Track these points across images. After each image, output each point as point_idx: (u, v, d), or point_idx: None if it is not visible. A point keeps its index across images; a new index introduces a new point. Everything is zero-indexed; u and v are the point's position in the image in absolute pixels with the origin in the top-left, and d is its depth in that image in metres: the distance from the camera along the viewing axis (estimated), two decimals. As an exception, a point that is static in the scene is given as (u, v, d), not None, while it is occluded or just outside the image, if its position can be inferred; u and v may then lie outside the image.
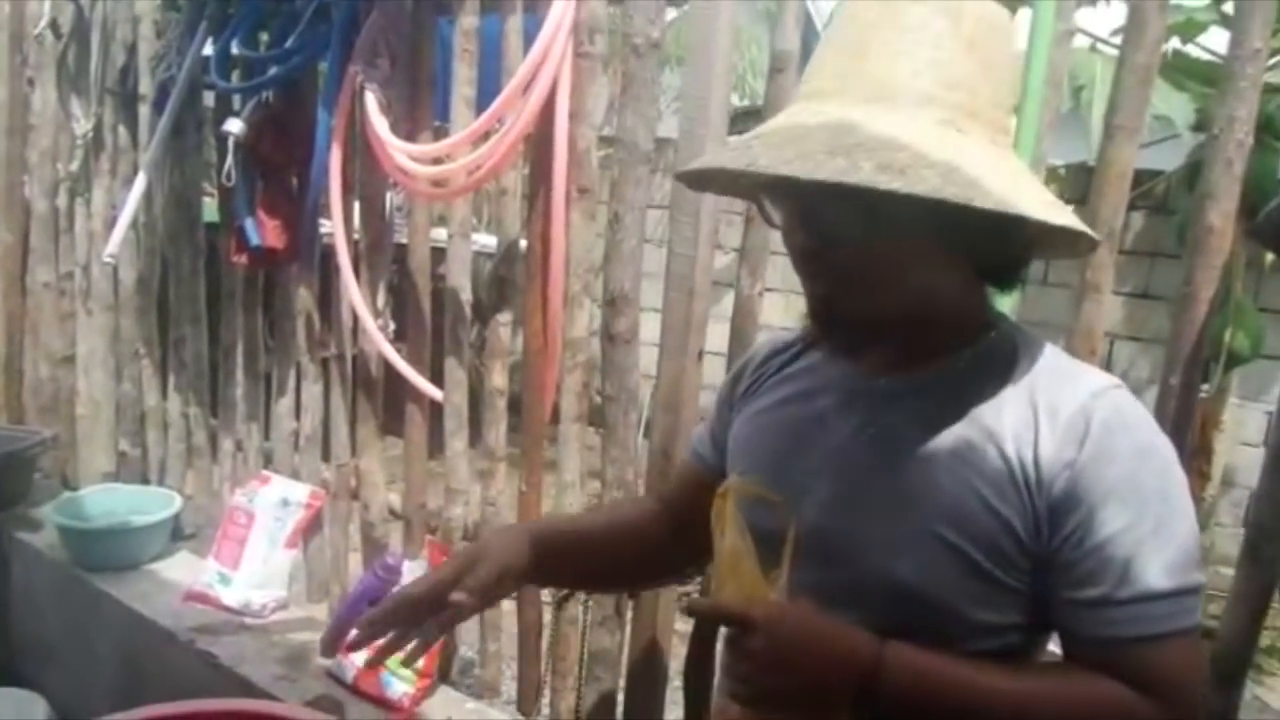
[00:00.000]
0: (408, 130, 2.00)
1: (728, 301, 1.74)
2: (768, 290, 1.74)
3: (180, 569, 2.49)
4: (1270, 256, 3.46)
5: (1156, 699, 0.81)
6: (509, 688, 2.18)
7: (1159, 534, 0.82)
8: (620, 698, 1.87)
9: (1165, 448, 0.87)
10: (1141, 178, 3.44)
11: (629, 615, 1.84)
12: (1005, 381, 0.90)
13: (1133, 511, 0.82)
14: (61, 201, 2.90)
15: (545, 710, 2.00)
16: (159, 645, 2.21)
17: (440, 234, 2.08)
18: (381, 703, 1.94)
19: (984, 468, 0.87)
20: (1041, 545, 0.86)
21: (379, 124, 1.93)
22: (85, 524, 2.53)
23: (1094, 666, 0.84)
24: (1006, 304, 1.12)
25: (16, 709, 2.21)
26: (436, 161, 1.90)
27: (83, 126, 2.73)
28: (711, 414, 1.21)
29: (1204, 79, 2.95)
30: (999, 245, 0.87)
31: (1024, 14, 1.45)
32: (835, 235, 0.85)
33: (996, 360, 0.92)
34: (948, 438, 0.89)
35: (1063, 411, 0.86)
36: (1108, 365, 4.27)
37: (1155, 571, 0.81)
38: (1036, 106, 1.31)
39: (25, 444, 2.85)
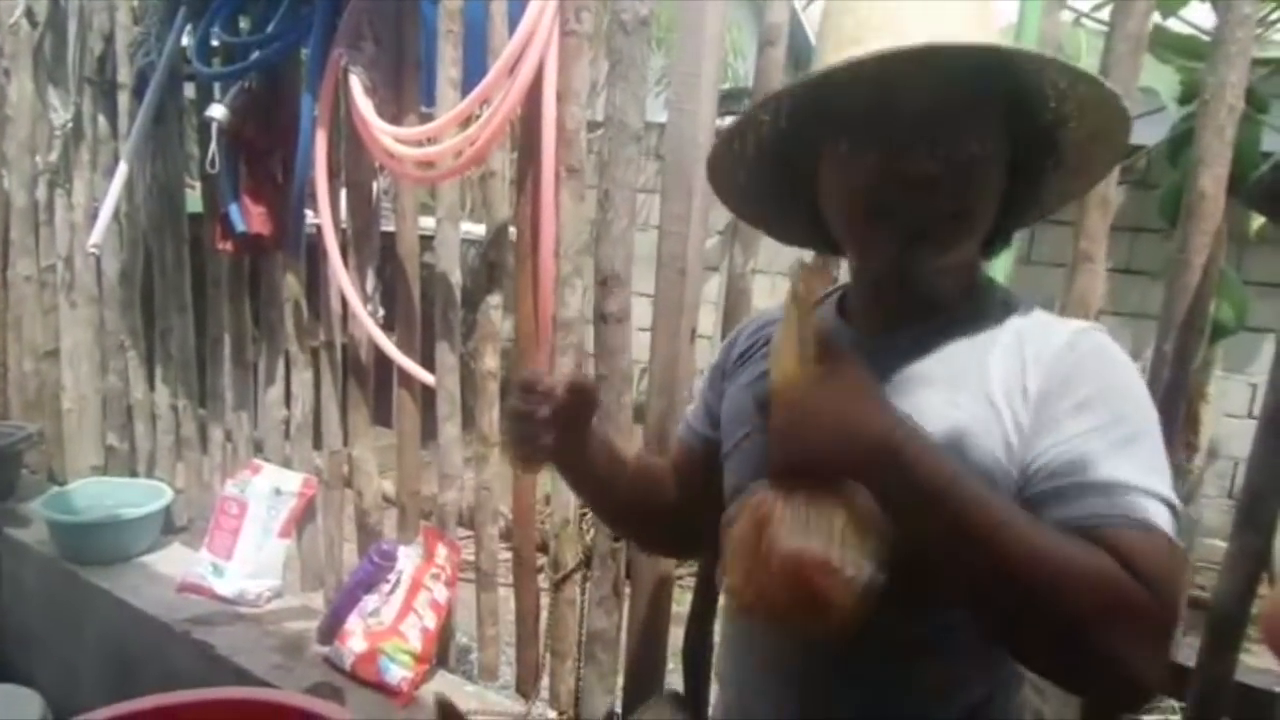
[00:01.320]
0: (393, 113, 1.98)
1: (713, 284, 1.73)
2: (757, 272, 1.73)
3: (173, 561, 2.48)
4: (1254, 228, 3.48)
5: (1145, 585, 0.77)
6: (507, 672, 2.19)
7: (1134, 443, 0.83)
8: (619, 678, 1.87)
9: (1141, 386, 0.89)
10: (1129, 154, 3.44)
11: (626, 596, 1.84)
12: (995, 335, 0.93)
13: (1106, 418, 0.84)
14: (41, 193, 2.87)
15: (544, 692, 2.01)
16: (153, 637, 2.20)
17: (427, 222, 2.06)
18: (380, 688, 1.94)
19: (977, 414, 0.89)
20: (1024, 463, 0.87)
21: (364, 107, 1.91)
22: (74, 518, 2.52)
23: None
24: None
25: (10, 705, 2.19)
26: (423, 144, 1.88)
27: (61, 117, 2.70)
28: (704, 387, 1.22)
29: (1186, 52, 2.96)
30: (1035, 169, 0.93)
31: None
32: (966, 148, 0.85)
33: (988, 316, 0.95)
34: (940, 389, 0.91)
35: (1046, 353, 0.89)
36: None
37: (1131, 469, 0.82)
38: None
39: (10, 440, 2.83)
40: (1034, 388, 0.88)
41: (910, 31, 0.84)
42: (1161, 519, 0.80)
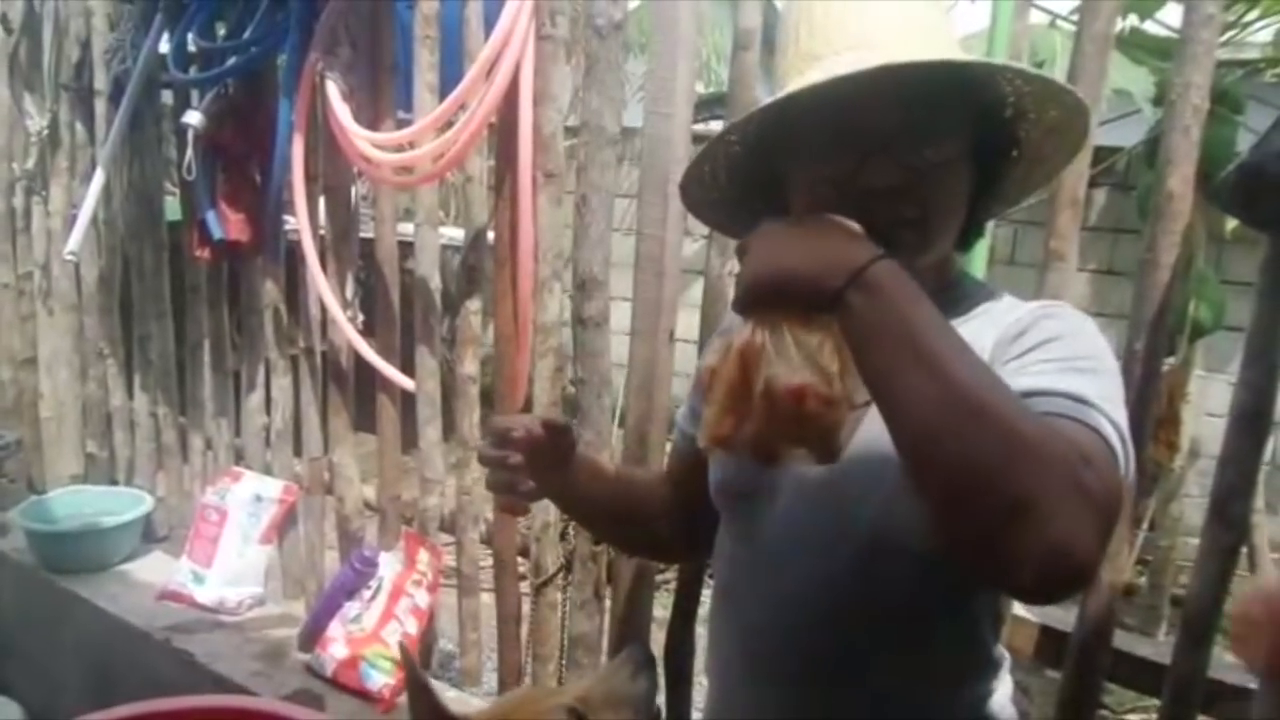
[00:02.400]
0: (370, 118, 1.98)
1: (698, 288, 1.74)
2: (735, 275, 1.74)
3: (153, 569, 2.47)
4: (1230, 227, 3.51)
5: (1082, 458, 0.73)
6: (490, 677, 2.18)
7: (1093, 373, 0.83)
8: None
9: (1103, 340, 0.89)
10: (1102, 154, 3.48)
11: (608, 599, 1.85)
12: (968, 321, 0.95)
13: (1065, 354, 0.85)
14: (18, 201, 2.85)
15: (526, 697, 2.00)
16: (133, 645, 2.19)
17: (407, 228, 2.06)
18: (361, 695, 1.93)
19: None
20: None
21: (341, 112, 1.91)
22: (53, 526, 2.50)
23: None
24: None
25: (-11, 715, 2.18)
26: (401, 149, 1.88)
27: (37, 123, 2.69)
28: (691, 390, 1.22)
29: (1162, 54, 2.99)
30: (997, 167, 0.96)
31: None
32: (925, 158, 0.87)
33: (962, 305, 0.97)
34: None
35: (1013, 327, 0.91)
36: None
37: (1088, 388, 0.80)
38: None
39: (-12, 448, 2.81)
40: (990, 346, 0.90)
41: (868, 41, 0.86)
42: (1112, 438, 0.78)
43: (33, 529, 2.47)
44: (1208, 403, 3.96)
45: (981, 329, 0.93)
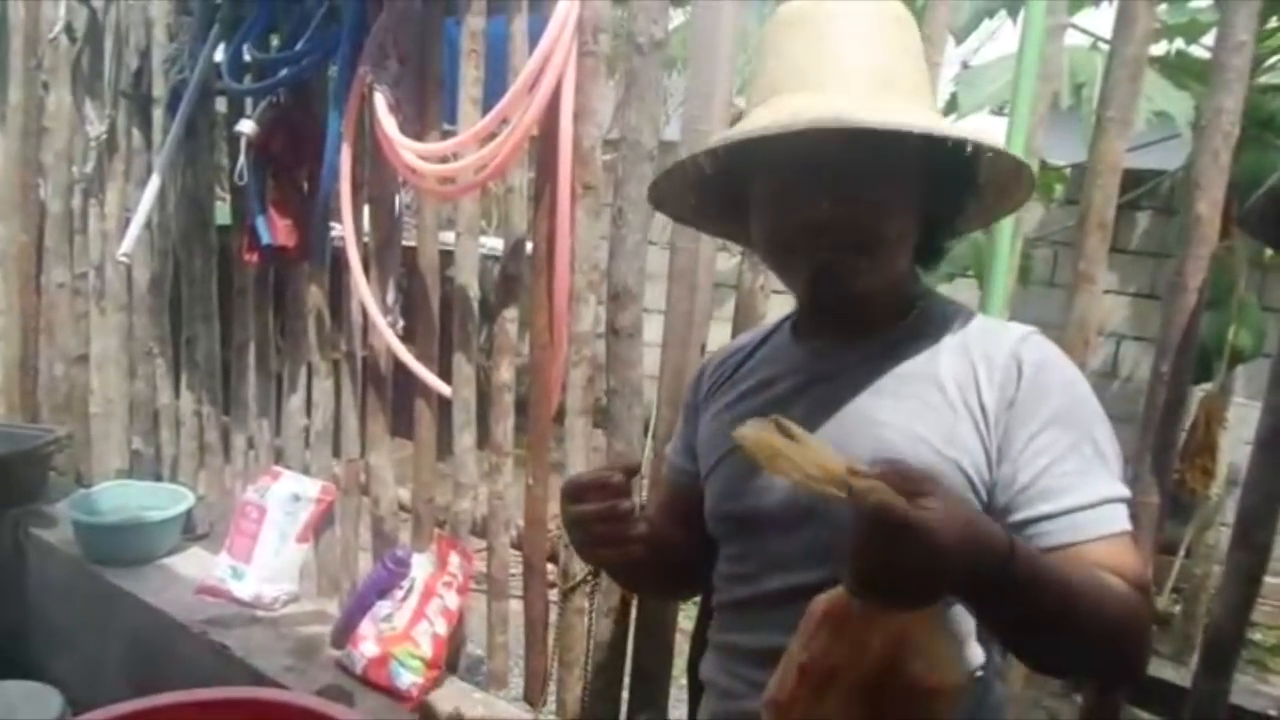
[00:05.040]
0: (416, 130, 2.03)
1: (730, 303, 1.76)
2: (773, 291, 1.76)
3: (193, 564, 2.53)
4: (1270, 254, 3.46)
5: (1134, 588, 0.89)
6: (516, 682, 2.21)
7: (1102, 454, 0.93)
8: (626, 687, 1.89)
9: (1085, 385, 0.98)
10: (1145, 177, 3.44)
11: (634, 607, 1.87)
12: (940, 339, 1.00)
13: (1075, 435, 0.93)
14: (76, 203, 2.94)
15: (552, 701, 2.03)
16: (172, 637, 2.25)
17: (448, 237, 2.11)
18: (390, 693, 1.97)
19: (929, 417, 0.96)
20: (994, 480, 0.95)
21: (388, 123, 1.97)
22: (99, 519, 2.58)
23: None
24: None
25: (31, 701, 2.24)
26: (445, 160, 1.93)
27: (96, 129, 2.78)
28: (680, 425, 1.27)
29: (1205, 79, 2.96)
30: (955, 196, 1.01)
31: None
32: (861, 195, 0.92)
33: (931, 324, 1.02)
34: (893, 395, 0.99)
35: (997, 358, 0.96)
36: (1114, 365, 4.28)
37: (1103, 484, 0.92)
38: (1028, 100, 1.34)
39: (40, 442, 2.90)
40: (990, 396, 0.95)
41: (825, 84, 0.92)
42: (1125, 519, 0.92)
43: (80, 521, 2.55)
44: (1247, 430, 3.89)
45: (963, 353, 0.98)
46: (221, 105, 2.57)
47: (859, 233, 0.94)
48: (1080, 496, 0.90)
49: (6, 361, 3.21)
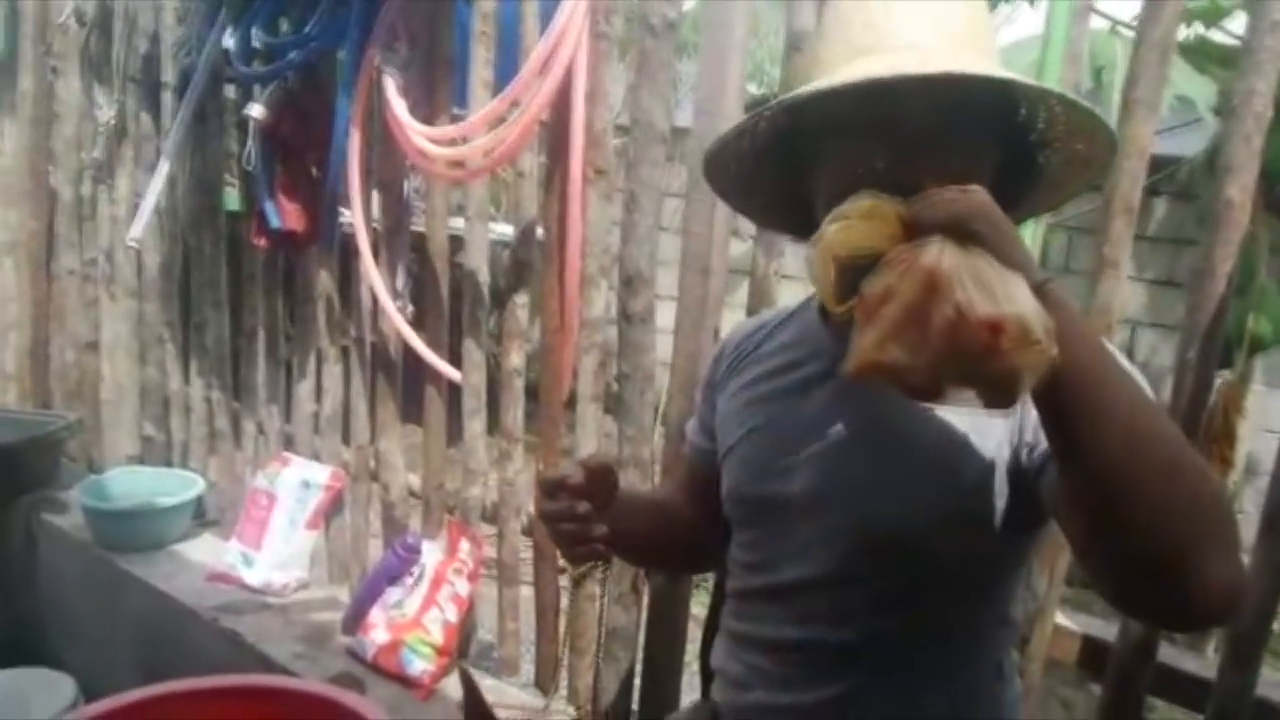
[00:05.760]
0: (426, 114, 2.01)
1: (743, 289, 1.74)
2: (785, 277, 1.74)
3: (203, 550, 2.53)
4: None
5: None
6: (528, 668, 2.20)
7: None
8: (638, 673, 1.88)
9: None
10: (1163, 163, 3.40)
11: (645, 593, 1.85)
12: None
13: None
14: (85, 189, 2.93)
15: (563, 688, 2.02)
16: (182, 623, 2.25)
17: (457, 223, 2.09)
18: (401, 680, 1.96)
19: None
20: (1027, 461, 0.90)
21: (397, 106, 1.95)
22: (109, 505, 2.57)
23: None
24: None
25: (43, 688, 2.24)
26: (454, 144, 1.91)
27: (106, 114, 2.76)
28: (699, 404, 1.25)
29: (1226, 63, 2.93)
30: (1015, 185, 0.95)
31: None
32: (942, 158, 0.87)
33: None
34: None
35: None
36: (1130, 352, 4.24)
37: None
38: (1054, 82, 1.31)
39: (51, 428, 2.90)
40: None
41: (917, 42, 0.88)
42: None
43: (91, 506, 2.54)
44: (1267, 419, 3.86)
45: None
46: (231, 91, 2.55)
47: None
48: None
49: (18, 348, 3.21)
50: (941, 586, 0.95)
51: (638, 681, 1.88)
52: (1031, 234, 1.44)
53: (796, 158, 0.99)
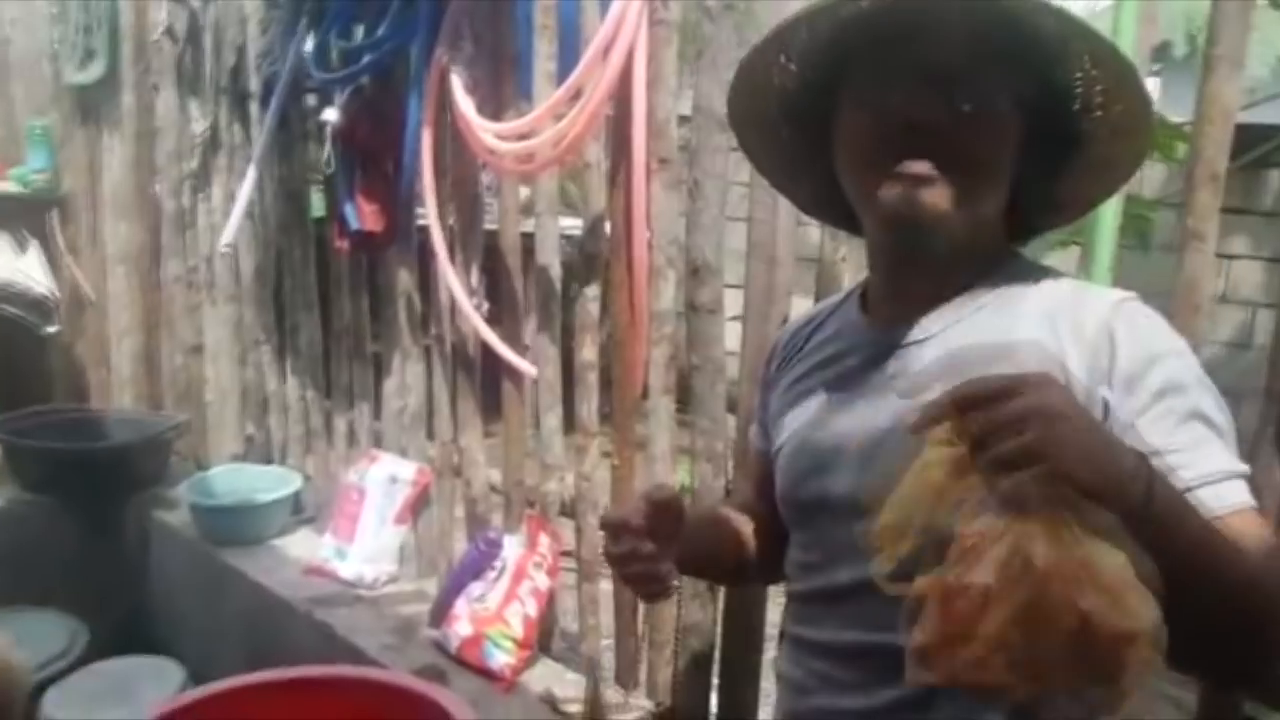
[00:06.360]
0: (493, 109, 2.02)
1: (813, 277, 1.69)
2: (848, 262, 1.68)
3: (301, 544, 2.62)
4: None
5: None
6: (608, 662, 2.20)
7: (1215, 426, 0.85)
8: (715, 667, 1.86)
9: (1188, 350, 0.90)
10: (1274, 132, 3.17)
11: (720, 593, 1.83)
12: (1022, 308, 0.93)
13: (1185, 409, 0.85)
14: (185, 199, 3.06)
15: (643, 682, 2.01)
16: (280, 615, 2.33)
17: (527, 221, 2.10)
18: (483, 672, 1.99)
19: None
20: None
21: (465, 104, 1.96)
22: (214, 501, 2.69)
23: None
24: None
25: (155, 674, 2.36)
26: (522, 138, 1.91)
27: (200, 126, 2.87)
28: (756, 405, 1.23)
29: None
30: (1052, 158, 0.92)
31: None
32: (974, 101, 0.86)
33: (1014, 291, 0.94)
34: (959, 376, 0.87)
35: (1086, 329, 0.88)
36: (1250, 335, 3.97)
37: (1227, 455, 0.85)
38: (1129, 44, 1.23)
39: (162, 428, 3.05)
40: (1080, 374, 0.86)
41: None
42: (1248, 494, 0.84)
43: (196, 503, 2.66)
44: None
45: (1048, 325, 0.90)
46: (313, 98, 2.62)
47: (970, 147, 0.87)
48: (1198, 471, 0.82)
49: (133, 354, 3.38)
50: None
51: (715, 681, 1.85)
52: (1114, 205, 1.36)
53: (823, 123, 0.97)
